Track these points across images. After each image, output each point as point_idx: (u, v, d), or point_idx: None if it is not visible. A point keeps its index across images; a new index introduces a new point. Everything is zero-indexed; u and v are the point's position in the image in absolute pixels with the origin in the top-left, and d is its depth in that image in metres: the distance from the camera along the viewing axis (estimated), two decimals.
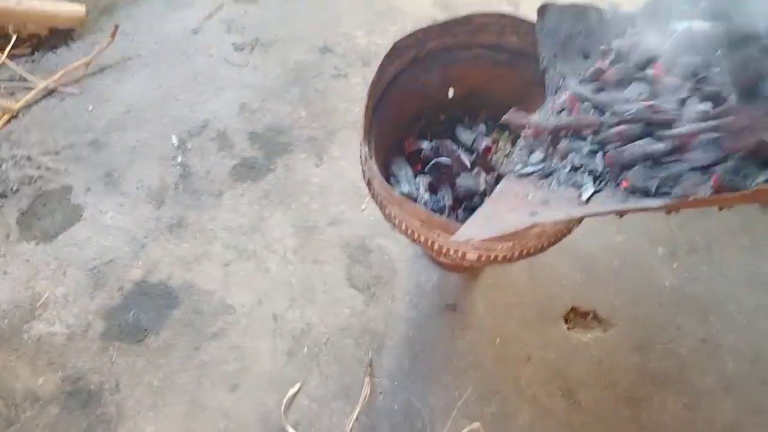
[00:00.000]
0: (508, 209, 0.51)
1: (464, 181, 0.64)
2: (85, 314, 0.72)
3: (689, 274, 0.78)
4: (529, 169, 0.56)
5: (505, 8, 0.98)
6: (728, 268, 0.78)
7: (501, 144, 0.69)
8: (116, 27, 0.91)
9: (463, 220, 0.51)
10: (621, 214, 0.52)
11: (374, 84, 0.62)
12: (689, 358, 0.72)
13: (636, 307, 0.75)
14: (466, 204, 0.64)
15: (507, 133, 0.69)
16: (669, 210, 0.47)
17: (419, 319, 0.73)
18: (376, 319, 0.73)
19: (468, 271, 0.76)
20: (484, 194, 0.64)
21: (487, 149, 0.67)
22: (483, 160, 0.67)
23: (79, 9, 0.96)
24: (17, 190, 0.80)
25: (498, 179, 0.63)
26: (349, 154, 0.84)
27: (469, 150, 0.68)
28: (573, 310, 0.75)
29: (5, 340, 0.69)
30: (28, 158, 0.82)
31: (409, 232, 0.59)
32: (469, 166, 0.66)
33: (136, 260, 0.76)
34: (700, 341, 0.73)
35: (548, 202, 0.51)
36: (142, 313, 0.72)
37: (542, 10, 0.58)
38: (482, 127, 0.70)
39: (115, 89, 0.90)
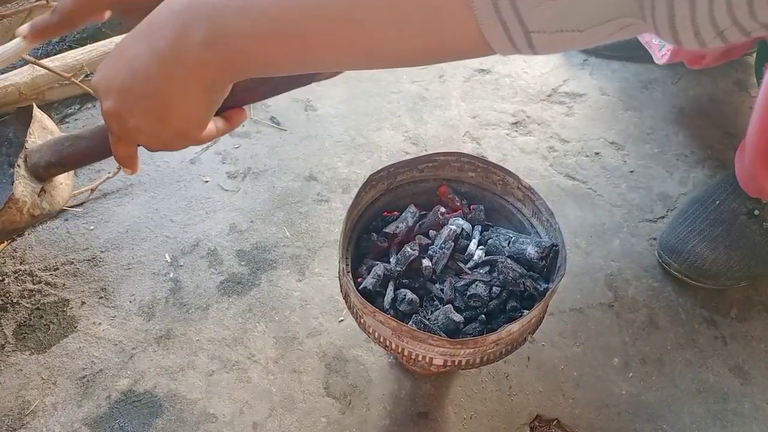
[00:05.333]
0: None
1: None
2: (72, 423, 0.75)
3: (643, 384, 0.84)
4: None
5: (468, 145, 1.12)
6: (678, 378, 0.84)
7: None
8: None
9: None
10: None
11: (351, 208, 0.72)
12: None
13: (596, 415, 0.80)
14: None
15: None
16: None
17: (392, 427, 0.77)
18: (351, 427, 0.77)
19: (438, 378, 0.81)
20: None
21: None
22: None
23: None
24: (17, 303, 0.85)
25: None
26: (329, 270, 0.92)
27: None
28: (537, 418, 0.80)
29: None
30: (30, 273, 0.88)
31: (382, 339, 0.65)
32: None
33: (125, 370, 0.80)
34: None
35: None
36: (127, 422, 0.75)
37: None
38: None
39: (115, 211, 0.99)
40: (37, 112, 0.70)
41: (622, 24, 0.35)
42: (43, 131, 0.70)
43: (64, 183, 0.74)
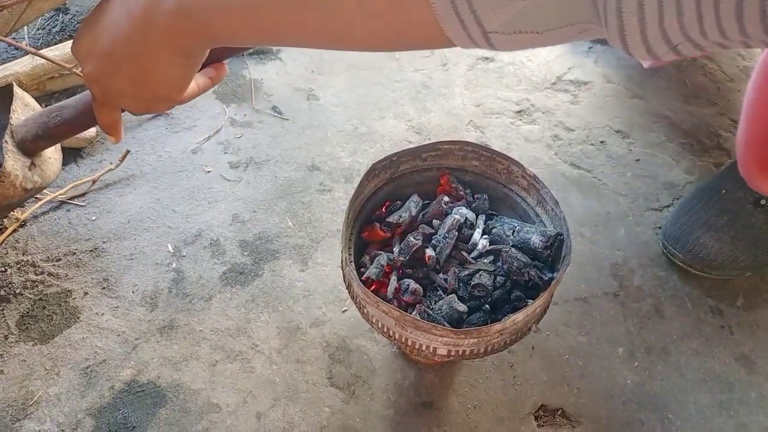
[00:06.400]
0: None
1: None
2: (75, 413, 0.75)
3: (648, 373, 0.83)
4: None
5: (472, 133, 1.11)
6: (684, 368, 0.84)
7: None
8: (127, 152, 1.01)
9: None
10: None
11: (354, 198, 0.71)
12: None
13: (601, 404, 0.80)
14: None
15: None
16: None
17: (396, 416, 0.77)
18: (354, 417, 0.77)
19: (442, 368, 0.81)
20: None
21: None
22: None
23: (90, 131, 1.06)
24: (19, 293, 0.85)
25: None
26: (331, 260, 0.91)
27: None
28: (542, 407, 0.79)
29: None
30: (32, 264, 0.88)
31: (385, 329, 0.65)
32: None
33: (128, 360, 0.80)
34: None
35: None
36: (130, 412, 0.75)
37: None
38: None
39: (117, 202, 0.98)
40: (18, 90, 0.70)
41: (581, 28, 0.35)
42: (26, 108, 0.70)
43: (53, 157, 0.74)
